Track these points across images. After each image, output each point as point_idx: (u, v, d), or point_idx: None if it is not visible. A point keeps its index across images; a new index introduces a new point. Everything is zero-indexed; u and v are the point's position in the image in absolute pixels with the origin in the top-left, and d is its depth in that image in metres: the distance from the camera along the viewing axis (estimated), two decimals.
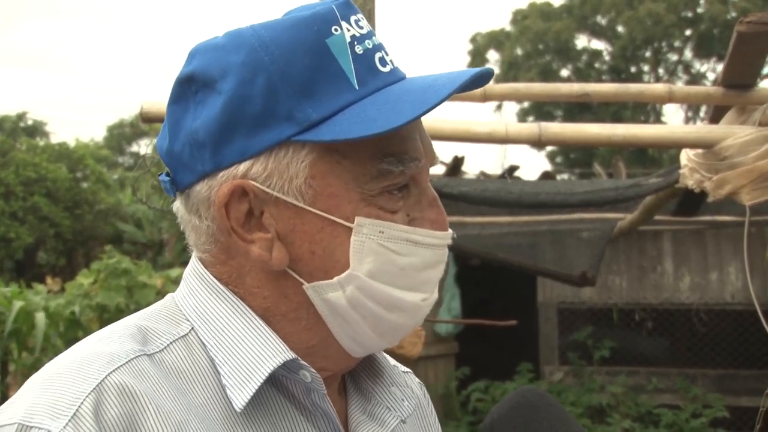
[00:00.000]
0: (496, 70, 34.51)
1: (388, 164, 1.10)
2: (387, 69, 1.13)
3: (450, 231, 1.19)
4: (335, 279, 1.10)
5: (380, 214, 1.11)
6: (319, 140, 1.07)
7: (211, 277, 1.17)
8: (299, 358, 1.12)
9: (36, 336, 10.02)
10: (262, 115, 1.08)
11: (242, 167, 1.10)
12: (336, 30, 1.10)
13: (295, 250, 1.11)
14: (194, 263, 1.20)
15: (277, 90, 1.08)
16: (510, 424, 1.22)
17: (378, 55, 1.13)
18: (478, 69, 1.11)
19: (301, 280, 1.12)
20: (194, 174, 1.13)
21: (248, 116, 1.08)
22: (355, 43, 1.11)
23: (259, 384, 1.09)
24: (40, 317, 10.04)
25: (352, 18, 1.13)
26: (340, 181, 1.09)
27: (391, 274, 1.12)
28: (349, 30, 1.11)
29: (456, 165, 8.21)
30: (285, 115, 1.08)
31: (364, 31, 1.13)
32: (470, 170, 9.51)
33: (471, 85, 1.16)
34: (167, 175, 1.18)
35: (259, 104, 1.08)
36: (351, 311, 1.12)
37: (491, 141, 3.64)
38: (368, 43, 1.12)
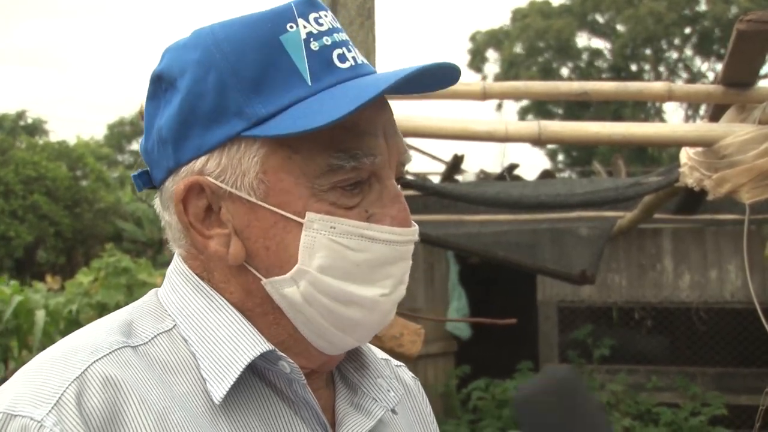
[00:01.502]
0: (496, 69, 34.54)
1: (337, 159, 1.09)
2: (346, 65, 1.13)
3: (414, 227, 1.18)
4: (288, 274, 1.11)
5: (331, 210, 1.11)
6: (264, 135, 1.09)
7: (191, 272, 1.19)
8: (276, 350, 1.13)
9: (35, 334, 10.03)
10: (215, 111, 1.10)
11: (199, 163, 1.12)
12: (291, 27, 1.11)
13: (251, 246, 1.13)
14: (175, 260, 1.23)
15: (227, 86, 1.10)
16: (544, 407, 1.22)
17: (337, 51, 1.13)
18: (426, 64, 1.11)
19: (259, 275, 1.13)
20: (162, 170, 1.17)
21: (202, 112, 1.11)
22: (311, 39, 1.12)
23: (236, 376, 1.11)
24: (40, 315, 10.05)
25: (312, 15, 1.13)
26: (291, 176, 1.10)
27: (344, 269, 1.12)
28: (305, 27, 1.12)
29: (456, 163, 8.22)
30: (235, 111, 1.10)
31: (323, 28, 1.13)
32: (470, 169, 9.51)
33: (433, 83, 1.17)
34: (144, 172, 1.22)
35: (211, 101, 1.10)
36: (307, 306, 1.12)
37: (491, 139, 3.64)
38: (326, 40, 1.13)
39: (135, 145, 43.21)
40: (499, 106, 33.61)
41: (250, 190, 1.11)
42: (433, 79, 1.16)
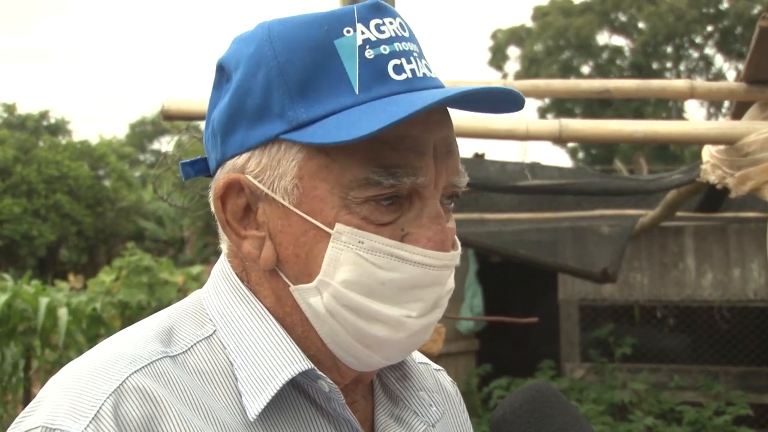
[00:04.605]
0: (517, 66, 34.47)
1: (375, 175, 1.05)
2: (401, 77, 1.08)
3: (453, 252, 1.13)
4: (313, 283, 1.08)
5: (362, 224, 1.06)
6: (300, 141, 1.06)
7: (234, 276, 1.17)
8: (315, 368, 1.10)
9: (59, 332, 10.08)
10: (259, 110, 1.08)
11: (241, 160, 1.10)
12: (348, 31, 1.08)
13: (282, 251, 1.10)
14: (222, 260, 1.21)
15: (273, 86, 1.07)
16: (524, 418, 1.20)
17: (394, 62, 1.08)
18: (477, 87, 1.06)
19: (288, 282, 1.11)
20: (213, 161, 1.15)
21: (248, 109, 1.09)
22: (367, 46, 1.07)
23: (273, 394, 1.08)
24: (63, 313, 10.09)
25: (373, 21, 1.09)
26: (326, 185, 1.07)
27: (369, 286, 1.07)
28: (363, 33, 1.08)
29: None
30: (278, 112, 1.07)
31: (383, 36, 1.09)
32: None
33: (491, 106, 1.14)
34: (202, 160, 1.20)
35: (258, 98, 1.08)
36: (330, 318, 1.09)
37: (512, 138, 3.63)
38: (384, 49, 1.08)
39: (157, 144, 43.43)
40: None
41: (285, 194, 1.08)
42: (491, 102, 1.12)
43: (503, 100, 1.12)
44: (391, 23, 1.11)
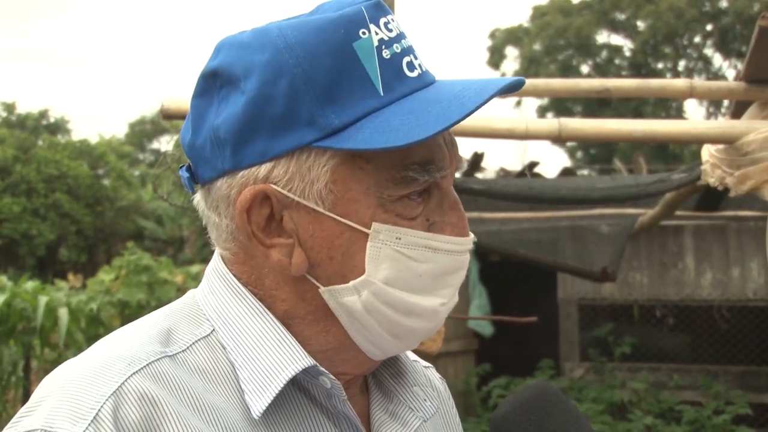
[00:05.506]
0: (515, 66, 34.48)
1: (413, 172, 1.08)
2: (414, 74, 1.11)
3: (471, 236, 1.17)
4: (351, 283, 1.09)
5: (397, 221, 1.09)
6: (340, 148, 1.06)
7: (232, 276, 1.16)
8: (318, 365, 1.11)
9: (59, 332, 10.06)
10: (284, 118, 1.06)
11: (263, 169, 1.09)
12: (364, 33, 1.08)
13: (314, 256, 1.10)
14: (216, 260, 1.19)
15: (299, 93, 1.06)
16: (525, 416, 1.21)
17: (406, 59, 1.10)
18: (507, 79, 1.09)
19: (318, 284, 1.11)
20: (214, 170, 1.12)
21: (270, 118, 1.07)
22: (383, 47, 1.09)
23: (277, 391, 1.08)
24: (63, 312, 10.07)
25: (382, 20, 1.10)
26: (360, 186, 1.08)
27: (408, 280, 1.10)
28: (377, 33, 1.09)
29: (476, 161, 8.21)
30: (307, 120, 1.06)
31: (393, 35, 1.10)
32: (490, 166, 9.51)
33: (502, 93, 1.15)
34: (188, 169, 1.17)
35: (282, 107, 1.06)
36: (366, 315, 1.10)
37: (511, 137, 3.63)
38: (396, 47, 1.10)
39: (156, 144, 43.46)
40: (518, 104, 33.57)
41: (318, 199, 1.08)
42: (499, 92, 1.13)
43: (510, 88, 1.15)
44: (393, 20, 1.12)
